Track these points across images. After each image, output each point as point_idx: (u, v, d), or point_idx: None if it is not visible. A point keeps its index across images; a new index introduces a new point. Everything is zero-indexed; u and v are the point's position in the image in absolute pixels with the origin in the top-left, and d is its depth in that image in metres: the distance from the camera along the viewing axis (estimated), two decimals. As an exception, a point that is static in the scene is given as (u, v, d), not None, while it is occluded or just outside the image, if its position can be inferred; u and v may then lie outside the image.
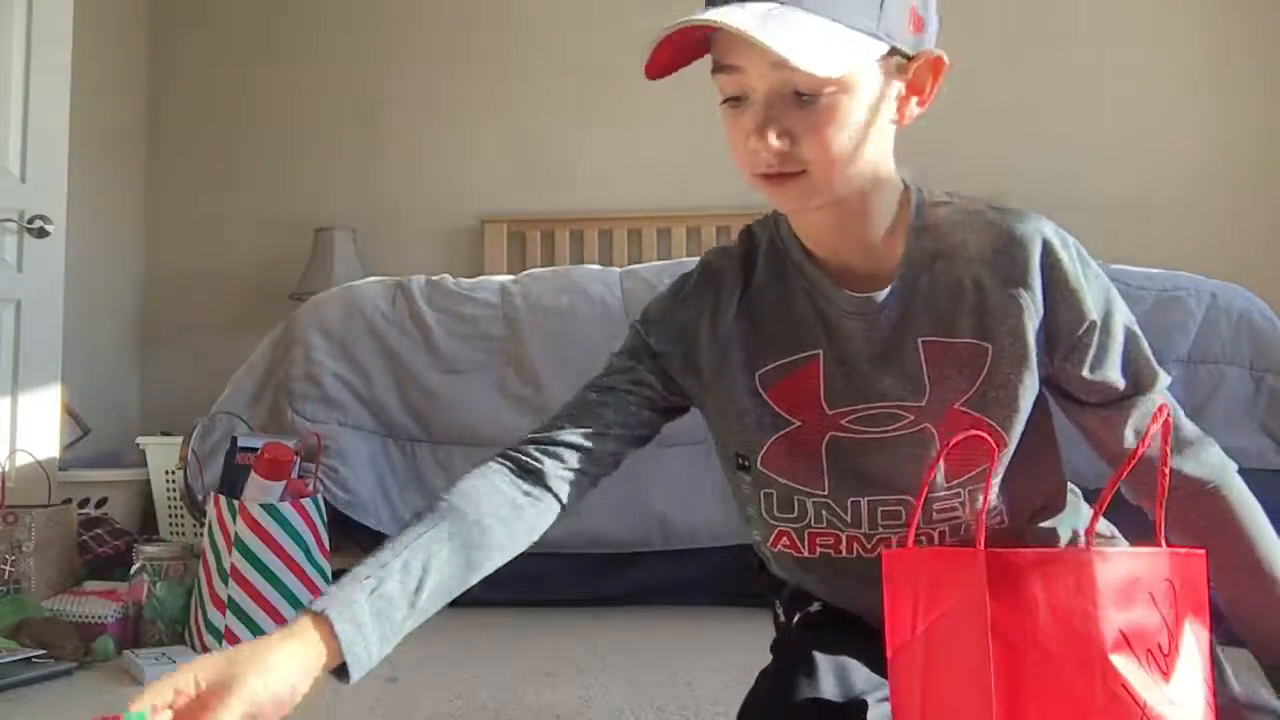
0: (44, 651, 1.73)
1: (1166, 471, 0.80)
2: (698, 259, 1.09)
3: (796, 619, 1.07)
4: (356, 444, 2.40)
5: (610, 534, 2.36)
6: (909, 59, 0.90)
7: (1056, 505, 1.03)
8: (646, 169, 4.01)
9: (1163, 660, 0.68)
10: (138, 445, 3.01)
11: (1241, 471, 1.00)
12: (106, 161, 3.83)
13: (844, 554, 0.99)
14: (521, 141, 4.06)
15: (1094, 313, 0.92)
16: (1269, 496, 2.32)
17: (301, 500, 1.95)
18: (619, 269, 2.74)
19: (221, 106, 4.16)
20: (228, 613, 1.82)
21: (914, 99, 0.92)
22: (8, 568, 2.03)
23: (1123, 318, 0.95)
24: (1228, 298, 2.42)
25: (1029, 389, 0.93)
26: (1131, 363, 0.94)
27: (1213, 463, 0.97)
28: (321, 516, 2.00)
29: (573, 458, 0.97)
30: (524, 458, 0.96)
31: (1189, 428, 0.97)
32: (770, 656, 1.05)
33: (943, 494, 0.94)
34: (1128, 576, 0.69)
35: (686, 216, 3.95)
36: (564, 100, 4.06)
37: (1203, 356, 2.34)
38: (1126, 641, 0.68)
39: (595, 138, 4.04)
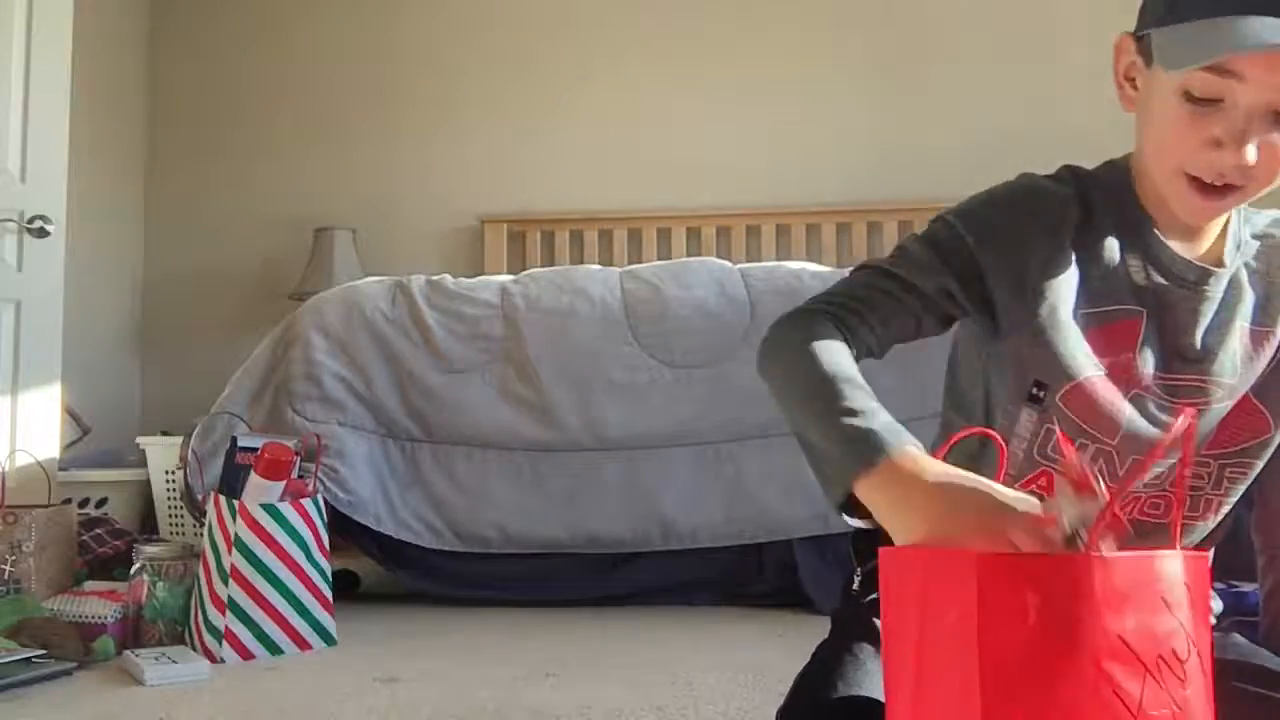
0: (44, 651, 1.73)
1: (1187, 474, 0.80)
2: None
3: (870, 599, 1.02)
4: (356, 444, 2.40)
5: (610, 534, 2.37)
6: None
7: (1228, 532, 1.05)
8: (646, 169, 4.01)
9: (1179, 666, 0.67)
10: (138, 445, 3.01)
11: None
12: (106, 161, 3.83)
13: None
14: (521, 141, 4.07)
15: None
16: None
17: (301, 500, 1.96)
18: (619, 269, 2.74)
19: (221, 106, 4.16)
20: (228, 613, 1.82)
21: None
22: (8, 568, 2.03)
23: None
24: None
25: None
26: None
27: None
28: (321, 516, 2.00)
29: (867, 337, 0.94)
30: (839, 317, 0.93)
31: None
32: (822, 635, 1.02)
33: (1196, 458, 0.96)
34: (1134, 581, 0.68)
35: (686, 216, 3.95)
36: (564, 101, 4.07)
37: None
38: (1127, 647, 0.67)
39: (594, 137, 4.05)
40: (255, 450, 1.96)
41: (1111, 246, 0.97)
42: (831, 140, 3.91)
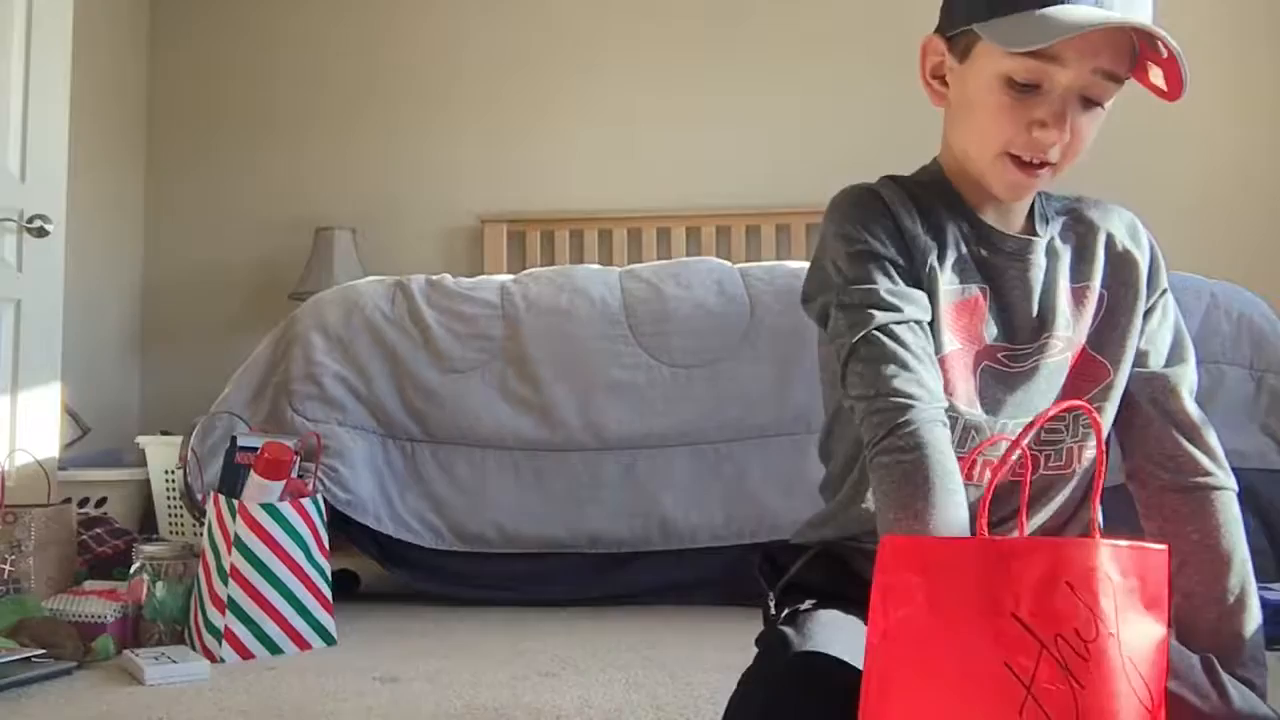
0: (44, 651, 1.72)
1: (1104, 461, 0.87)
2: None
3: (785, 613, 1.06)
4: (356, 444, 2.40)
5: (610, 534, 2.37)
6: None
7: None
8: (645, 169, 4.01)
9: (1082, 645, 0.69)
10: (138, 445, 3.01)
11: (1241, 471, 1.03)
12: (106, 161, 3.84)
13: (967, 481, 1.00)
14: (521, 141, 4.07)
15: (1165, 283, 1.12)
16: (1269, 496, 2.31)
17: (301, 500, 1.95)
18: (619, 269, 2.74)
19: (221, 106, 4.16)
20: (227, 612, 1.82)
21: None
22: (8, 568, 2.03)
23: (1172, 297, 1.13)
24: (1228, 298, 2.42)
25: (1135, 335, 1.08)
26: (1177, 332, 1.11)
27: (1223, 460, 1.07)
28: (321, 516, 2.00)
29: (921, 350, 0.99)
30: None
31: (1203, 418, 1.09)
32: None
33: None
34: (1031, 562, 0.71)
35: (686, 216, 3.95)
36: (564, 100, 4.07)
37: (1203, 356, 2.33)
38: (1020, 623, 0.70)
39: (594, 137, 4.05)
40: (255, 450, 1.96)
41: (952, 230, 1.06)
42: (831, 140, 3.91)
